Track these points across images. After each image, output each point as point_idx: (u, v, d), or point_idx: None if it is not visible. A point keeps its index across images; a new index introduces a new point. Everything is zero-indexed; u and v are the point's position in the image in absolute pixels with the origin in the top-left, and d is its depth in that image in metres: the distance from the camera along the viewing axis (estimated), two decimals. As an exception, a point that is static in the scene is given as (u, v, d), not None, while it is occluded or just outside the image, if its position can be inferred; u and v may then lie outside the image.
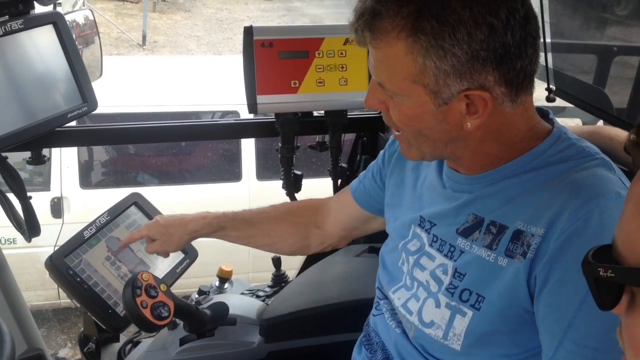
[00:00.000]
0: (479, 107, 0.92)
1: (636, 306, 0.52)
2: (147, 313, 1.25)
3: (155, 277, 1.31)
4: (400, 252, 1.13)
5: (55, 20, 1.56)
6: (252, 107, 1.60)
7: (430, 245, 1.07)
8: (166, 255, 1.46)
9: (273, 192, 1.81)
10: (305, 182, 1.80)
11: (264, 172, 4.41)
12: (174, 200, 4.15)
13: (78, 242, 1.47)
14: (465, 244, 1.00)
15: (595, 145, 1.07)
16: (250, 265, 4.17)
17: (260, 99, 1.60)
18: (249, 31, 1.59)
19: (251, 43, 1.59)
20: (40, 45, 1.56)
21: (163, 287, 1.31)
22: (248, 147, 4.35)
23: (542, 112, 1.04)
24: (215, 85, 4.56)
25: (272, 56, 1.60)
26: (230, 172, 4.48)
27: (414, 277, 1.08)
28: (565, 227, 0.89)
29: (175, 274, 1.58)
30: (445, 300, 1.00)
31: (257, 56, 1.59)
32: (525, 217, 0.94)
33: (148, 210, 1.62)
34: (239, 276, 1.76)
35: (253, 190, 4.42)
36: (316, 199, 1.46)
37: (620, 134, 1.13)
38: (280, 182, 1.79)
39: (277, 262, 1.74)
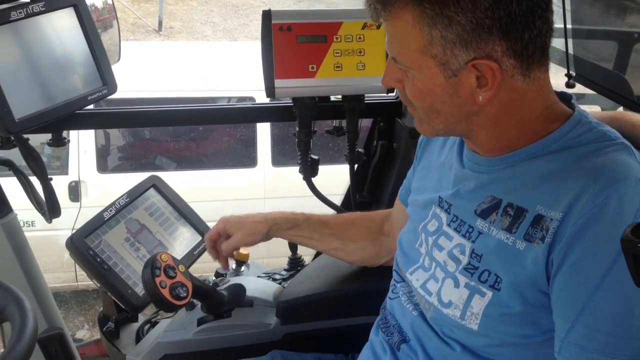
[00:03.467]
0: (489, 79, 0.92)
1: None
2: (165, 293, 1.26)
3: (174, 258, 1.32)
4: (420, 234, 1.14)
5: (76, 3, 1.57)
6: (270, 91, 1.61)
7: (448, 225, 1.07)
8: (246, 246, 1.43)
9: (288, 178, 1.82)
10: (323, 169, 1.80)
11: (279, 158, 4.43)
12: (190, 185, 4.18)
13: (98, 223, 1.50)
14: (483, 226, 1.01)
15: (617, 131, 1.07)
16: (265, 251, 4.20)
17: (278, 83, 1.60)
18: (267, 15, 1.59)
19: (269, 27, 1.59)
20: (60, 28, 1.57)
21: (182, 267, 1.32)
22: (263, 133, 4.37)
23: (565, 96, 1.04)
24: (231, 71, 4.57)
25: (291, 40, 1.60)
26: (246, 157, 4.50)
27: (432, 258, 1.09)
28: (583, 212, 0.89)
29: (193, 256, 1.60)
30: (465, 280, 1.01)
31: (275, 40, 1.59)
32: (545, 201, 0.94)
33: (167, 193, 1.63)
34: (254, 261, 1.77)
35: (268, 176, 4.44)
36: (386, 210, 1.47)
37: None
38: (295, 168, 1.79)
39: (293, 246, 1.75)
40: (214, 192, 4.32)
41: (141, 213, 1.57)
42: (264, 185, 4.47)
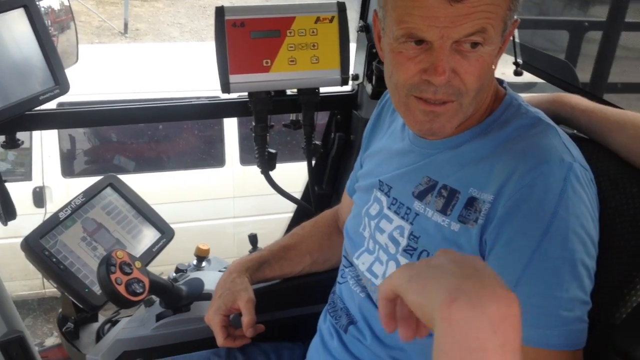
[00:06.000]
0: (507, 40, 0.94)
1: None
2: (121, 289, 1.26)
3: (129, 255, 1.32)
4: (363, 218, 1.16)
5: (27, 4, 1.56)
6: (225, 86, 1.61)
7: (389, 208, 1.10)
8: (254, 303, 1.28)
9: (257, 177, 1.82)
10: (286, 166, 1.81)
11: (247, 157, 4.42)
12: (158, 186, 4.17)
13: (53, 224, 1.49)
14: (420, 207, 1.03)
15: (556, 113, 1.10)
16: (236, 249, 4.20)
17: (233, 78, 1.61)
18: (220, 12, 1.60)
19: (223, 23, 1.59)
20: (11, 29, 1.56)
21: (138, 264, 1.33)
22: (231, 131, 4.36)
23: (498, 80, 1.08)
24: (199, 71, 4.55)
25: (244, 36, 1.61)
26: (214, 157, 4.48)
27: (376, 241, 1.12)
28: (512, 193, 0.92)
29: (152, 253, 1.59)
30: (405, 261, 1.03)
31: (229, 36, 1.60)
32: (477, 183, 0.97)
33: (124, 192, 1.63)
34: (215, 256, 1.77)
35: (237, 176, 4.43)
36: (331, 209, 1.48)
37: (581, 102, 1.16)
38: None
39: (253, 240, 1.77)
40: (182, 193, 4.30)
41: (98, 212, 1.57)
42: (232, 185, 4.46)
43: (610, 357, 0.97)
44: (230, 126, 4.36)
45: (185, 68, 4.59)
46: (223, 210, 4.48)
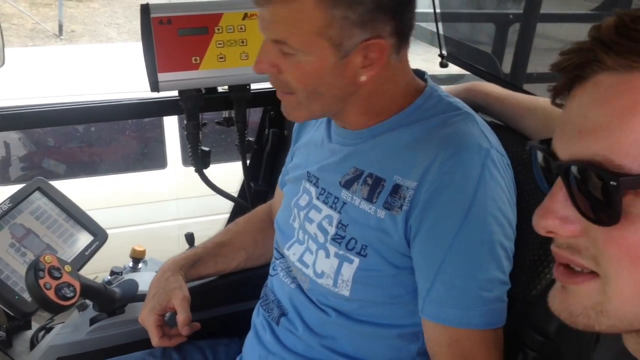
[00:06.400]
0: (375, 59, 0.96)
1: (635, 217, 0.53)
2: (51, 294, 1.24)
3: (59, 259, 1.30)
4: (292, 209, 1.18)
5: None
6: (154, 85, 1.60)
7: (317, 198, 1.12)
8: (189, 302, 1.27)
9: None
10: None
11: (190, 158, 4.38)
12: (100, 191, 4.08)
13: (-21, 231, 1.45)
14: (347, 196, 1.06)
15: (473, 101, 1.15)
16: (180, 251, 4.15)
17: (162, 76, 1.59)
18: (146, 9, 1.58)
19: (149, 21, 1.58)
20: None
21: (68, 268, 1.31)
22: (172, 132, 4.31)
23: (419, 73, 1.11)
24: (138, 72, 4.47)
25: (171, 33, 1.59)
26: (155, 159, 4.42)
27: (305, 231, 1.14)
28: (433, 180, 0.96)
29: (84, 257, 1.57)
30: (334, 249, 1.06)
31: (155, 34, 1.58)
32: (401, 171, 1.00)
33: (53, 195, 1.60)
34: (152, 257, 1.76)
35: (180, 177, 4.39)
36: (264, 204, 1.48)
37: (494, 89, 1.21)
38: (210, 168, 1.80)
39: (190, 239, 1.76)
40: (125, 196, 4.23)
41: (26, 217, 1.53)
42: (175, 186, 4.41)
43: (528, 333, 1.02)
44: (171, 127, 4.31)
45: (123, 69, 4.51)
46: (167, 212, 4.43)
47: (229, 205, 2.02)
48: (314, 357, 1.12)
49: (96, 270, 1.66)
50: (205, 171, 1.79)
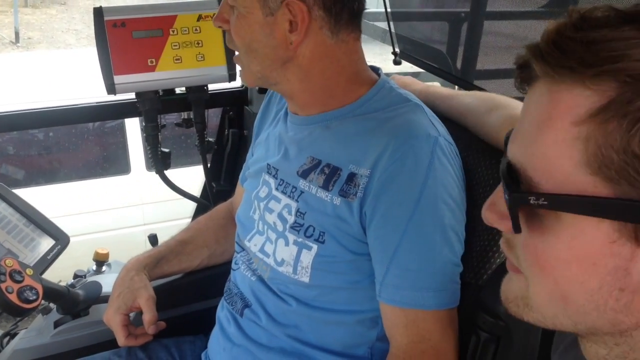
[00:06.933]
0: (299, 23, 1.02)
1: (545, 227, 0.54)
2: (13, 298, 1.24)
3: (20, 263, 1.30)
4: (252, 202, 1.21)
5: None
6: (110, 87, 1.61)
7: (277, 189, 1.15)
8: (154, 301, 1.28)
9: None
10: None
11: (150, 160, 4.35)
12: (63, 198, 4.03)
13: (-63, 239, 1.44)
14: (304, 185, 1.09)
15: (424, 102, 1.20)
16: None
17: (118, 79, 1.61)
18: (99, 12, 1.59)
19: (102, 24, 1.59)
20: None
21: (29, 271, 1.31)
22: (134, 137, 4.28)
23: (374, 69, 1.15)
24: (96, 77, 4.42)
25: (126, 36, 1.61)
26: (118, 165, 4.39)
27: (265, 221, 1.17)
28: (385, 167, 1.00)
29: (47, 261, 1.56)
30: (293, 237, 1.09)
31: (109, 37, 1.60)
32: (355, 160, 1.04)
33: (11, 200, 1.59)
34: (116, 260, 1.76)
35: (143, 181, 4.36)
36: (225, 202, 1.50)
37: (437, 90, 1.26)
38: (172, 171, 1.82)
39: (153, 240, 1.77)
40: (88, 203, 4.19)
41: (-15, 223, 1.53)
42: (139, 191, 4.39)
43: (480, 315, 1.06)
44: (133, 132, 4.28)
45: (81, 74, 4.46)
46: (133, 218, 4.40)
47: (192, 210, 2.04)
48: (278, 347, 1.15)
49: (61, 278, 1.66)
50: (170, 175, 1.81)
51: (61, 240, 1.60)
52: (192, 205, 1.99)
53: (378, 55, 3.47)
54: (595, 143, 0.49)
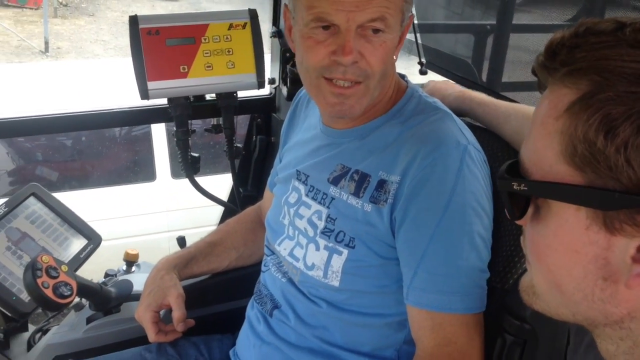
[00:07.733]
0: (405, 31, 1.07)
1: (540, 217, 0.59)
2: (49, 293, 1.29)
3: (55, 259, 1.35)
4: (282, 207, 1.24)
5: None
6: (144, 93, 1.65)
7: (307, 195, 1.18)
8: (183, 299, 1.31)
9: (189, 190, 1.87)
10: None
11: (179, 170, 4.40)
12: (90, 203, 4.10)
13: (-24, 236, 1.49)
14: (335, 192, 1.12)
15: (460, 107, 1.23)
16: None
17: (151, 85, 1.65)
18: (134, 20, 1.64)
19: (137, 32, 1.64)
20: None
21: (64, 267, 1.35)
22: (160, 145, 4.35)
23: (400, 76, 1.18)
24: (127, 86, 4.50)
25: (160, 43, 1.66)
26: (144, 172, 4.45)
27: (295, 227, 1.19)
28: (416, 174, 1.02)
29: (79, 259, 1.61)
30: (324, 242, 1.12)
31: (144, 44, 1.64)
32: (386, 167, 1.07)
33: (48, 200, 1.64)
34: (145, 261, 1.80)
35: (169, 189, 4.42)
36: (253, 206, 1.54)
37: (478, 96, 1.28)
38: (198, 179, 1.85)
39: (182, 242, 1.81)
40: (115, 209, 4.26)
41: (22, 221, 1.58)
42: (165, 199, 4.45)
43: (506, 319, 1.08)
44: (160, 140, 4.35)
45: (110, 83, 4.55)
46: (157, 224, 4.45)
47: (217, 217, 2.08)
48: (306, 346, 1.17)
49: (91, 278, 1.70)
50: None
51: (93, 239, 1.65)
52: (215, 213, 2.03)
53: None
54: (567, 134, 0.54)
